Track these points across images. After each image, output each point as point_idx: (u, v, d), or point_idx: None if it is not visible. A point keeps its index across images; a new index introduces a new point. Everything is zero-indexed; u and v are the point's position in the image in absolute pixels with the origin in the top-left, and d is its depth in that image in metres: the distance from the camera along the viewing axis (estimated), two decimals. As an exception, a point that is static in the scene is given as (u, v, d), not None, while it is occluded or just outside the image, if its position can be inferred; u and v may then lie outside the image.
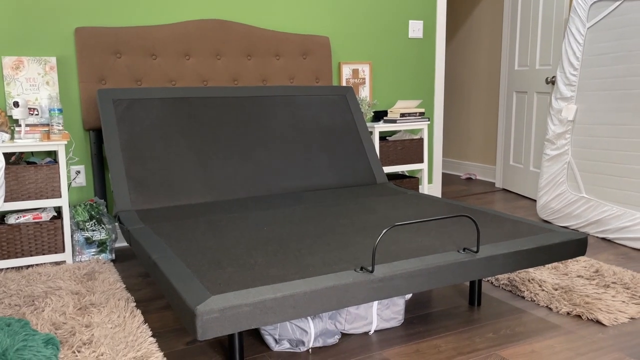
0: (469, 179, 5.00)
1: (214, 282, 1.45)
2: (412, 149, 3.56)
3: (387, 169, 3.48)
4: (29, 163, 2.65)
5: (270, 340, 1.76)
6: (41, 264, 2.61)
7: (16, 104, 2.48)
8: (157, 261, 1.63)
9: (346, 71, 3.62)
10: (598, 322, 1.91)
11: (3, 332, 1.07)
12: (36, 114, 2.68)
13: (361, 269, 1.53)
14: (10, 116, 2.69)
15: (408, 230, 1.96)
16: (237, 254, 1.72)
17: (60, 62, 2.80)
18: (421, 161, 3.60)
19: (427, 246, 1.76)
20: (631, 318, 1.94)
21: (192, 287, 1.41)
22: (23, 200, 2.52)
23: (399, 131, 3.78)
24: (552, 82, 3.71)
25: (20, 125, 2.56)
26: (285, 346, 1.75)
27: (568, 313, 1.99)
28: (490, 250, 1.71)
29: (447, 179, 5.06)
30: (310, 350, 1.75)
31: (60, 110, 2.57)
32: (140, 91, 2.67)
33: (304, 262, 1.62)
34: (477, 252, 1.67)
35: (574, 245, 1.85)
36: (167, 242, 1.87)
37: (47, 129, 2.62)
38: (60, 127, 2.57)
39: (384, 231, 1.44)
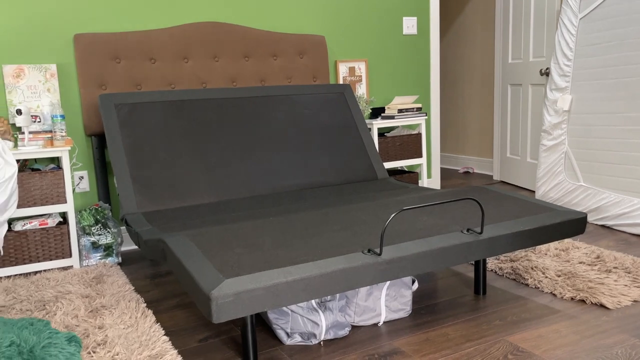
0: (467, 172, 5.04)
1: (226, 265, 1.48)
2: (410, 144, 3.60)
3: (387, 165, 3.51)
4: (33, 170, 2.67)
5: (282, 334, 1.78)
6: (49, 269, 2.63)
7: (19, 112, 2.50)
8: (170, 245, 1.65)
9: (343, 69, 3.65)
10: (602, 306, 1.95)
11: (28, 331, 1.10)
12: (38, 121, 2.70)
13: (369, 251, 1.56)
14: (13, 124, 2.71)
15: (412, 211, 2.00)
16: (246, 235, 1.75)
17: (61, 69, 2.82)
18: (420, 156, 3.63)
19: (431, 226, 1.79)
20: (634, 301, 1.98)
21: (206, 270, 1.44)
22: (29, 206, 2.54)
23: (397, 127, 3.81)
24: (546, 73, 3.76)
25: (23, 133, 2.58)
26: (297, 340, 1.78)
27: (572, 298, 2.03)
28: (493, 231, 1.75)
29: (445, 173, 5.10)
30: (322, 342, 1.78)
31: (63, 117, 2.59)
32: (141, 95, 2.70)
33: (312, 243, 1.65)
34: (481, 233, 1.71)
35: (574, 223, 1.89)
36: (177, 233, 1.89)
37: (49, 136, 2.64)
38: (63, 134, 2.59)
39: (393, 215, 1.47)
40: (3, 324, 1.12)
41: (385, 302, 1.90)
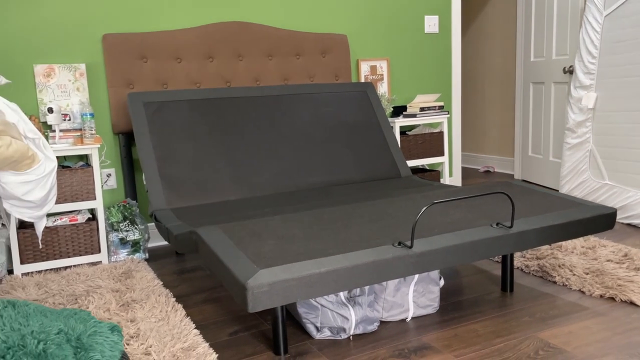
0: (487, 171, 5.02)
1: (259, 256, 1.51)
2: (432, 143, 3.60)
3: (408, 163, 3.52)
4: (63, 167, 2.72)
5: (311, 329, 1.80)
6: (78, 264, 2.68)
7: (50, 110, 2.56)
8: (203, 237, 1.68)
9: (364, 68, 3.67)
10: (632, 303, 1.94)
11: (74, 319, 1.13)
12: (68, 120, 2.76)
13: (399, 243, 1.58)
14: (44, 122, 2.77)
15: (440, 205, 2.00)
16: (276, 227, 1.78)
17: (90, 68, 2.87)
18: (442, 154, 3.63)
19: (460, 220, 1.80)
20: (664, 298, 1.96)
21: (240, 261, 1.47)
22: (59, 203, 2.59)
23: (418, 126, 3.82)
24: (569, 71, 3.73)
25: (54, 131, 2.63)
26: (326, 334, 1.79)
27: (601, 296, 2.02)
28: (523, 225, 1.75)
29: (465, 172, 5.09)
30: (351, 337, 1.79)
31: (92, 115, 2.64)
32: (168, 94, 2.74)
33: (341, 236, 1.67)
34: (511, 227, 1.71)
35: (604, 219, 1.89)
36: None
37: (79, 134, 2.69)
38: (93, 132, 2.64)
39: (424, 208, 1.48)
40: (49, 312, 1.16)
41: (413, 298, 1.91)
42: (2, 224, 1.61)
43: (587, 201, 2.00)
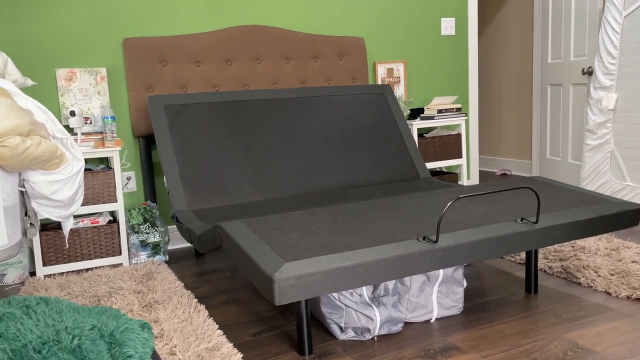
0: (504, 174, 4.99)
1: (285, 249, 1.51)
2: (450, 145, 3.58)
3: (426, 166, 3.50)
4: (84, 170, 2.74)
5: (335, 329, 1.79)
6: (100, 266, 2.70)
7: (72, 114, 2.58)
8: (228, 231, 1.68)
9: (381, 70, 3.66)
10: (660, 304, 1.91)
11: (106, 316, 1.13)
12: (90, 123, 2.78)
13: (424, 238, 1.57)
14: (66, 125, 2.80)
15: (464, 200, 1.99)
16: (299, 221, 1.77)
17: (110, 72, 2.90)
18: (460, 156, 3.61)
19: (485, 216, 1.78)
20: (694, 300, 1.93)
21: (265, 254, 1.47)
22: (81, 205, 2.61)
23: (435, 128, 3.80)
24: (588, 72, 3.70)
25: (75, 134, 2.66)
26: (350, 334, 1.78)
27: (628, 297, 1.99)
28: (548, 221, 1.73)
29: (482, 175, 5.05)
30: (375, 338, 1.78)
31: (114, 118, 2.66)
32: (188, 97, 2.75)
33: (365, 230, 1.66)
34: (536, 222, 1.70)
35: (629, 215, 1.87)
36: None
37: (100, 137, 2.72)
38: (114, 135, 2.66)
39: (450, 203, 1.47)
40: (81, 309, 1.16)
41: (437, 299, 1.90)
42: (31, 224, 1.62)
43: (611, 197, 1.97)
